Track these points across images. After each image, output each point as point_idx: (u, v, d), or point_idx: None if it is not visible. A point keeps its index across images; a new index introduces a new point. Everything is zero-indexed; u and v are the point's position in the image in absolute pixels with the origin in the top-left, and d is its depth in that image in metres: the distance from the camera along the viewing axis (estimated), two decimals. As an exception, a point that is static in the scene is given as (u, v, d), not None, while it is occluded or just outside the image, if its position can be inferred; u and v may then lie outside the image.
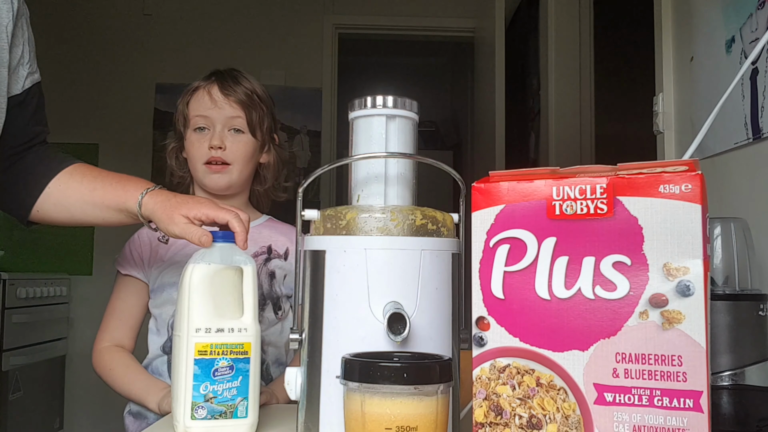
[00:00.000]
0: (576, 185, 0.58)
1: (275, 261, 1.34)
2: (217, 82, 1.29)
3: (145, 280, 1.31)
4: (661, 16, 1.72)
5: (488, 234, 0.60)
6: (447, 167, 0.79)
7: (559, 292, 0.57)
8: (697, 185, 0.54)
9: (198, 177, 1.30)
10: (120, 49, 3.65)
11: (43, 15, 3.62)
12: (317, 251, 0.71)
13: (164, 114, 3.58)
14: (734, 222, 0.89)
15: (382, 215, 0.71)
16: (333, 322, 0.69)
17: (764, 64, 1.22)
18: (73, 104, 3.60)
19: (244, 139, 1.29)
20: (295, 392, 0.73)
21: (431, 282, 0.70)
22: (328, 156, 3.73)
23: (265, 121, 1.33)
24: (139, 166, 3.59)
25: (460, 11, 3.80)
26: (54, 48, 3.60)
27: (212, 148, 1.25)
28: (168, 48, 3.65)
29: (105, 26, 3.66)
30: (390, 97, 0.76)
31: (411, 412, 0.55)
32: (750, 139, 1.26)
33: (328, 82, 3.79)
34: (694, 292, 0.53)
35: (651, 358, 0.54)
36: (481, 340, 0.60)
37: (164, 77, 3.61)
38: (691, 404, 0.53)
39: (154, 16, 3.69)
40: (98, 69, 3.62)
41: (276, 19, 3.75)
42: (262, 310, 1.30)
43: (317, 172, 0.76)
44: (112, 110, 3.62)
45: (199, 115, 1.28)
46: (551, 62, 2.86)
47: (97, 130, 3.60)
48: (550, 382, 0.57)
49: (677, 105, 1.66)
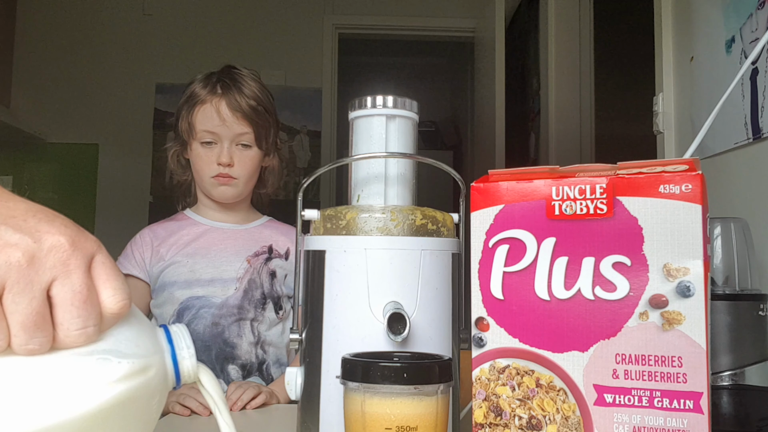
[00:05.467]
0: (576, 185, 0.58)
1: (276, 260, 1.34)
2: (224, 97, 1.29)
3: (146, 280, 1.32)
4: (661, 16, 1.72)
5: (487, 234, 0.60)
6: (447, 167, 0.79)
7: (559, 293, 0.57)
8: (698, 185, 0.54)
9: (205, 188, 1.32)
10: (120, 49, 3.65)
11: (43, 15, 3.62)
12: (317, 251, 0.71)
13: (164, 114, 3.58)
14: (734, 222, 0.89)
15: (382, 215, 0.71)
16: (333, 322, 0.69)
17: (764, 64, 1.22)
18: (73, 104, 3.60)
19: (250, 154, 1.30)
20: (295, 392, 0.73)
21: (431, 282, 0.70)
22: (328, 156, 3.73)
23: (271, 131, 1.34)
24: (139, 166, 3.59)
25: (460, 11, 3.80)
26: (54, 48, 3.60)
27: (221, 164, 1.27)
28: (168, 48, 3.65)
29: (105, 26, 3.66)
30: (390, 97, 0.76)
31: (411, 412, 0.55)
32: (750, 139, 1.26)
33: (328, 82, 3.79)
34: (694, 292, 0.53)
35: (651, 359, 0.54)
36: (481, 340, 0.60)
37: (164, 77, 3.61)
38: (691, 405, 0.53)
39: (154, 16, 3.69)
40: (98, 69, 3.62)
41: (276, 19, 3.75)
42: (263, 309, 1.31)
43: (317, 172, 0.76)
44: (112, 110, 3.62)
45: (207, 131, 1.28)
46: (551, 62, 2.86)
47: (97, 130, 3.60)
48: (550, 383, 0.57)
49: (677, 105, 1.66)
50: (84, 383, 0.42)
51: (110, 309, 0.44)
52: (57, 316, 0.42)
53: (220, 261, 1.30)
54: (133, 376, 0.44)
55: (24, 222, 0.42)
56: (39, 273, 0.41)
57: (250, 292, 1.30)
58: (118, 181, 3.54)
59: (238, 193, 1.32)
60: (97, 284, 0.44)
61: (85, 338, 0.43)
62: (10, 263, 0.40)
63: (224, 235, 1.34)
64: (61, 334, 0.42)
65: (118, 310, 0.44)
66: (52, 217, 0.44)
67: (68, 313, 0.42)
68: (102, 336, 0.44)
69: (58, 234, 0.43)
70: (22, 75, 3.58)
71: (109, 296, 0.44)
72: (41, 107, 3.56)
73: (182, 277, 1.28)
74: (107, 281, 0.44)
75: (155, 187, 3.53)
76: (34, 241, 0.41)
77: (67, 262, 0.42)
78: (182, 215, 1.39)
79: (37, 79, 3.58)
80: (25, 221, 0.42)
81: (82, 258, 0.43)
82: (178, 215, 1.40)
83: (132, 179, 3.48)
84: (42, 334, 0.41)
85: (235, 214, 1.37)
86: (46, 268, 0.41)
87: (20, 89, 3.56)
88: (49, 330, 0.42)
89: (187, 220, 1.36)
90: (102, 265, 0.44)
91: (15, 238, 0.41)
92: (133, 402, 0.44)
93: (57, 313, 0.42)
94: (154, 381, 0.46)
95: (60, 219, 0.44)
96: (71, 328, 0.42)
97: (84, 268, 0.43)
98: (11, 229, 0.41)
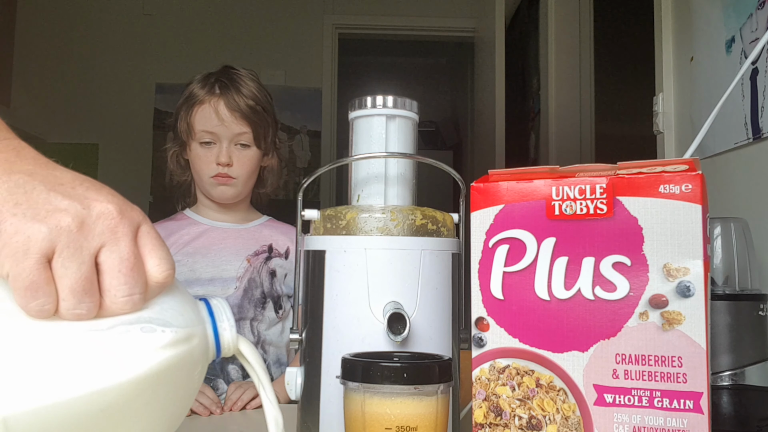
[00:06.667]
0: (576, 185, 0.58)
1: (276, 260, 1.34)
2: (223, 97, 1.29)
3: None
4: (661, 16, 1.72)
5: (487, 234, 0.60)
6: (447, 167, 0.79)
7: (559, 293, 0.57)
8: (698, 185, 0.54)
9: (204, 188, 1.32)
10: (120, 49, 3.65)
11: (43, 15, 3.62)
12: (317, 251, 0.71)
13: (164, 114, 3.58)
14: (734, 222, 0.89)
15: (382, 215, 0.71)
16: (333, 322, 0.69)
17: (764, 64, 1.22)
18: (73, 104, 3.60)
19: (249, 154, 1.31)
20: (295, 392, 0.73)
21: (431, 282, 0.70)
22: (328, 156, 3.73)
23: (270, 131, 1.34)
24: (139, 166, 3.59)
25: (460, 11, 3.80)
26: (54, 48, 3.61)
27: (219, 164, 1.27)
28: (168, 48, 3.65)
29: (105, 26, 3.66)
30: (390, 97, 0.76)
31: (411, 412, 0.55)
32: (750, 139, 1.26)
33: (328, 82, 3.79)
34: (694, 293, 0.53)
35: (651, 359, 0.54)
36: (481, 340, 0.60)
37: (164, 77, 3.61)
38: (691, 405, 0.53)
39: (154, 16, 3.69)
40: (98, 69, 3.62)
41: (276, 19, 3.75)
42: (263, 309, 1.31)
43: (317, 172, 0.76)
44: (112, 110, 3.62)
45: (205, 131, 1.29)
46: (551, 62, 2.86)
47: (97, 130, 3.60)
48: (550, 383, 0.57)
49: (677, 105, 1.66)
50: (130, 350, 0.42)
51: (156, 278, 0.44)
52: (104, 282, 0.42)
53: (219, 260, 1.30)
54: (177, 344, 0.44)
55: (72, 189, 0.43)
56: (88, 239, 0.41)
57: (249, 292, 1.30)
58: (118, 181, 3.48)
59: (238, 192, 1.32)
60: (143, 253, 0.44)
61: (131, 305, 0.43)
62: (61, 227, 0.41)
63: (224, 235, 1.34)
64: (108, 301, 0.42)
65: (163, 279, 0.44)
66: (99, 186, 0.45)
67: (115, 279, 0.42)
68: (147, 305, 0.44)
69: (106, 202, 0.43)
70: (22, 75, 3.58)
71: (154, 265, 0.44)
72: (41, 107, 3.56)
73: (182, 276, 1.28)
74: (153, 250, 0.44)
75: (155, 187, 3.53)
76: (84, 208, 0.42)
77: (115, 229, 0.43)
78: (182, 215, 1.39)
79: (37, 79, 3.58)
80: (73, 188, 0.43)
81: (129, 226, 0.43)
82: (177, 215, 1.40)
83: (132, 179, 3.48)
84: (90, 299, 0.42)
85: (235, 214, 1.37)
86: (95, 234, 0.42)
87: (20, 89, 3.56)
88: (96, 296, 0.42)
89: (186, 220, 1.37)
90: (147, 235, 0.45)
91: (64, 204, 0.42)
92: (176, 370, 0.44)
93: (104, 280, 0.42)
94: (197, 350, 0.46)
95: (107, 188, 0.45)
96: (118, 294, 0.42)
97: (131, 236, 0.43)
98: (60, 195, 0.42)
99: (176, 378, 0.45)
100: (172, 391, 0.45)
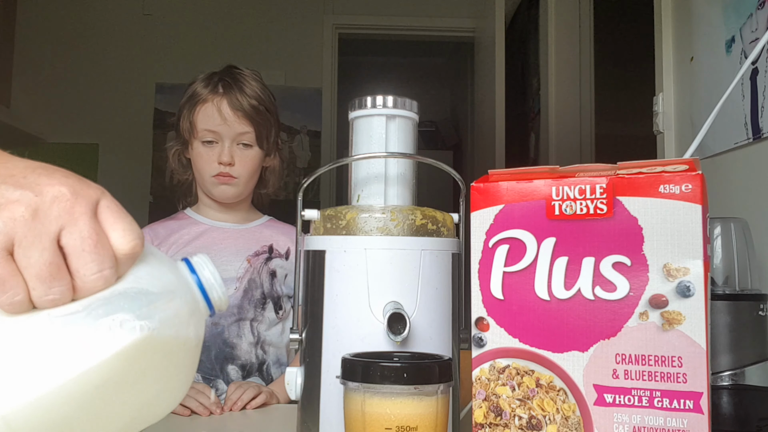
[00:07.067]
0: (575, 185, 0.58)
1: (276, 260, 1.34)
2: (226, 97, 1.29)
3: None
4: (661, 16, 1.72)
5: (487, 234, 0.60)
6: (447, 167, 0.79)
7: (559, 293, 0.57)
8: (698, 185, 0.54)
9: (206, 187, 1.32)
10: (120, 49, 3.65)
11: (43, 15, 3.62)
12: (317, 251, 0.71)
13: (164, 114, 3.58)
14: (734, 222, 0.89)
15: (382, 215, 0.71)
16: (333, 322, 0.69)
17: (764, 64, 1.21)
18: (73, 104, 3.60)
19: (251, 154, 1.31)
20: (295, 392, 0.73)
21: (431, 282, 0.70)
22: (328, 156, 3.73)
23: (272, 131, 1.34)
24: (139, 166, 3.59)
25: (460, 11, 3.79)
26: (54, 48, 3.60)
27: (221, 163, 1.27)
28: (168, 48, 3.65)
29: (105, 26, 3.66)
30: (390, 97, 0.76)
31: (411, 412, 0.55)
32: (750, 139, 1.26)
33: (328, 82, 3.79)
34: (694, 293, 0.53)
35: (651, 359, 0.54)
36: (481, 340, 0.60)
37: (164, 77, 3.61)
38: (691, 405, 0.53)
39: (154, 16, 3.69)
40: (98, 69, 3.62)
41: (276, 19, 3.75)
42: (263, 309, 1.31)
43: (317, 172, 0.76)
44: (112, 110, 3.62)
45: (207, 130, 1.29)
46: (551, 62, 2.86)
47: (97, 130, 3.60)
48: (550, 383, 0.57)
49: (677, 105, 1.66)
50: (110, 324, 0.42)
51: (122, 250, 0.44)
52: (71, 264, 0.42)
53: (220, 260, 1.30)
54: (157, 308, 0.44)
55: (24, 179, 0.42)
56: (45, 224, 0.41)
57: (250, 292, 1.30)
58: (118, 181, 3.53)
59: (239, 192, 1.32)
60: (105, 227, 0.44)
61: (103, 282, 0.43)
62: (15, 219, 0.40)
63: (224, 235, 1.34)
64: (79, 282, 0.42)
65: (130, 250, 0.44)
66: (52, 170, 0.44)
67: (80, 259, 0.42)
68: (121, 277, 0.44)
69: (58, 185, 0.43)
70: (22, 75, 3.58)
71: (119, 237, 0.44)
72: (41, 107, 3.56)
73: (182, 276, 1.28)
74: (115, 223, 0.44)
75: (155, 187, 3.53)
76: (36, 195, 0.42)
77: (72, 210, 0.42)
78: (183, 214, 1.39)
79: (37, 79, 3.58)
80: (24, 178, 0.42)
81: (86, 204, 0.43)
82: (178, 214, 1.40)
83: (132, 179, 3.48)
84: (59, 284, 0.41)
85: (236, 214, 1.37)
86: (52, 218, 0.41)
87: (20, 89, 3.56)
88: (66, 279, 0.42)
89: (187, 220, 1.37)
90: (107, 209, 0.44)
91: (16, 195, 0.41)
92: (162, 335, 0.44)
93: (71, 262, 0.42)
94: (182, 310, 0.46)
95: (60, 171, 0.44)
96: (87, 273, 0.42)
97: (90, 213, 0.43)
98: (11, 187, 0.42)
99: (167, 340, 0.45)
100: (167, 352, 0.45)
